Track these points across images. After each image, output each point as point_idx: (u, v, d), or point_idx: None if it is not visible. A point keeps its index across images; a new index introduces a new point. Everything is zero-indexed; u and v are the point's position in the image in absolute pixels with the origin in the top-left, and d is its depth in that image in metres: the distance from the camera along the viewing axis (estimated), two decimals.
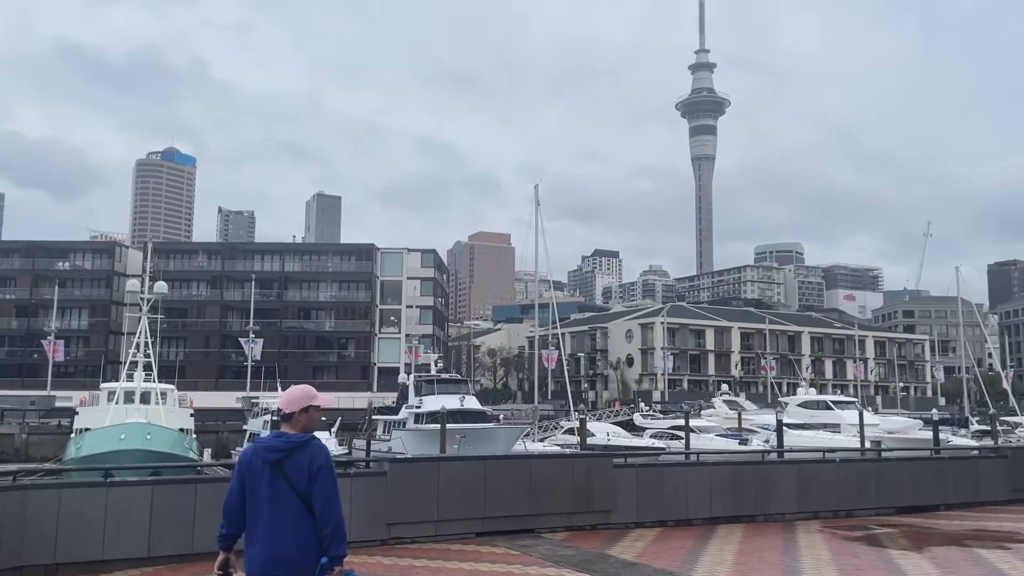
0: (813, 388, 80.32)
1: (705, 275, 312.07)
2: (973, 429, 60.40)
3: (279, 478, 4.39)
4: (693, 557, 9.72)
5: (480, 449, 39.13)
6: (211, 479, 9.92)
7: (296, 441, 4.47)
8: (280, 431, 4.72)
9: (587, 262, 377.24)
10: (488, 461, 11.15)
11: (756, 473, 12.76)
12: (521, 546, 10.16)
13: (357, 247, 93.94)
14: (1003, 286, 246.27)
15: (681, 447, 46.96)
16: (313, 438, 4.56)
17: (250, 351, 67.01)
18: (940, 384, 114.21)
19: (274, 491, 4.38)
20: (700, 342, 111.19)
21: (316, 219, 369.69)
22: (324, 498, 4.34)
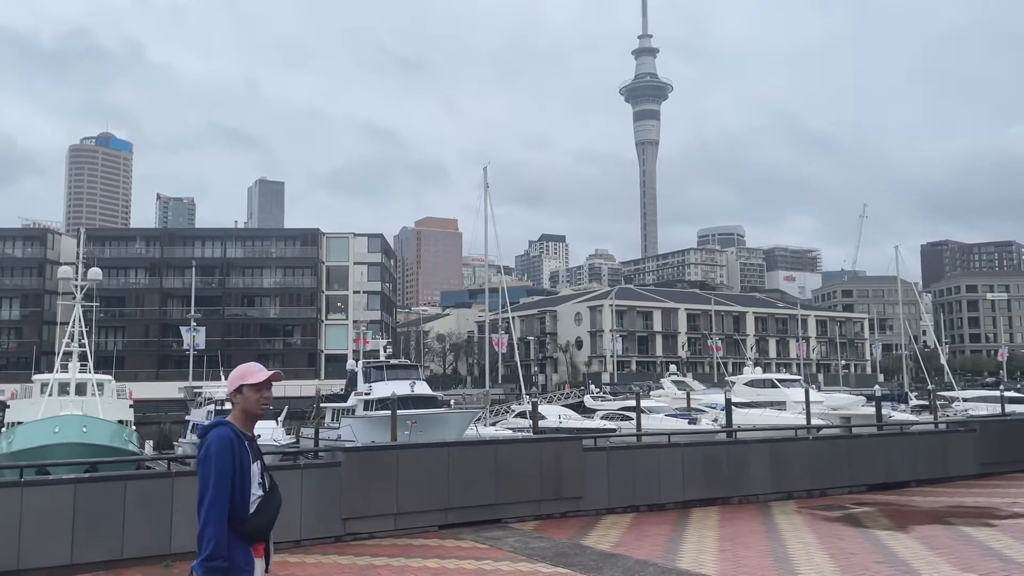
0: (759, 367, 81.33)
1: (650, 258, 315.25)
2: (912, 404, 61.76)
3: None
4: (674, 545, 9.10)
5: (432, 435, 38.31)
6: (142, 475, 8.95)
7: (207, 425, 3.92)
8: (218, 418, 4.11)
9: (534, 247, 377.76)
10: (452, 448, 10.35)
11: (730, 453, 12.24)
12: (489, 538, 9.42)
13: (302, 232, 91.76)
14: (935, 265, 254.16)
15: (631, 428, 47.00)
16: (217, 425, 3.86)
17: (191, 340, 64.95)
18: (879, 361, 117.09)
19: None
20: (648, 324, 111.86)
21: (259, 205, 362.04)
22: (198, 496, 3.70)
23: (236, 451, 3.76)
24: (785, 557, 8.47)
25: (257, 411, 3.97)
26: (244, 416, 3.95)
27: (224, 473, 3.69)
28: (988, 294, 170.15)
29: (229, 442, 3.76)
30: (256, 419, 4.06)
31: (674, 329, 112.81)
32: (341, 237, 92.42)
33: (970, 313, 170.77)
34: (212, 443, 3.75)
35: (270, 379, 4.01)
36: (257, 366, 4.06)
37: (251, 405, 3.94)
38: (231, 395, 3.99)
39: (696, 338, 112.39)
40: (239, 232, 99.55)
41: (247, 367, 4.04)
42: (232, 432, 3.82)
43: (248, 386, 3.93)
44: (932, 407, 55.04)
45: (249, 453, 3.86)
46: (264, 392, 3.99)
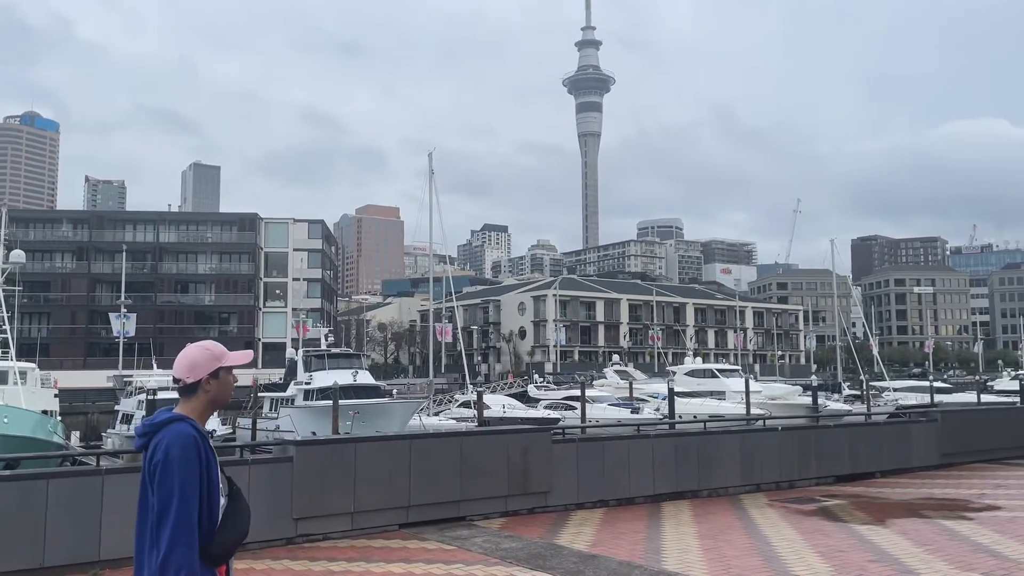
0: (699, 357, 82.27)
1: (591, 249, 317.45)
2: (845, 394, 63.21)
3: (144, 469, 3.04)
4: (654, 544, 8.54)
5: (374, 425, 37.35)
6: (67, 472, 7.98)
7: (159, 421, 3.10)
8: (164, 409, 3.26)
9: (476, 236, 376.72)
10: (414, 440, 9.59)
11: (700, 444, 11.77)
12: (455, 538, 8.72)
13: (239, 216, 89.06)
14: (865, 260, 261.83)
15: (576, 417, 46.88)
16: (178, 419, 3.07)
17: (121, 327, 62.40)
18: (813, 352, 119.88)
19: (141, 494, 3.03)
20: (590, 314, 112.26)
21: (193, 190, 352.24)
22: (156, 513, 2.87)
23: (203, 454, 2.99)
24: (774, 556, 7.99)
25: (228, 398, 3.27)
26: (208, 407, 3.19)
27: (191, 484, 2.92)
28: (915, 288, 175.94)
29: (194, 443, 2.98)
30: (218, 409, 3.36)
31: (616, 319, 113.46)
32: (280, 223, 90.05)
33: (898, 306, 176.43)
34: (173, 445, 2.95)
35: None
36: (222, 347, 3.32)
37: (226, 392, 3.22)
38: (202, 380, 3.20)
39: (637, 328, 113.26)
40: (173, 216, 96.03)
41: (216, 347, 3.27)
42: (194, 430, 3.05)
43: (226, 369, 3.20)
44: (865, 397, 56.25)
45: (214, 453, 3.12)
46: (235, 378, 3.31)
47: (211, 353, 3.20)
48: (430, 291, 70.82)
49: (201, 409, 3.17)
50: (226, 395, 3.23)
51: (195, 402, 3.16)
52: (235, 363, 3.21)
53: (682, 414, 43.61)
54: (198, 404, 3.16)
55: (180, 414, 3.12)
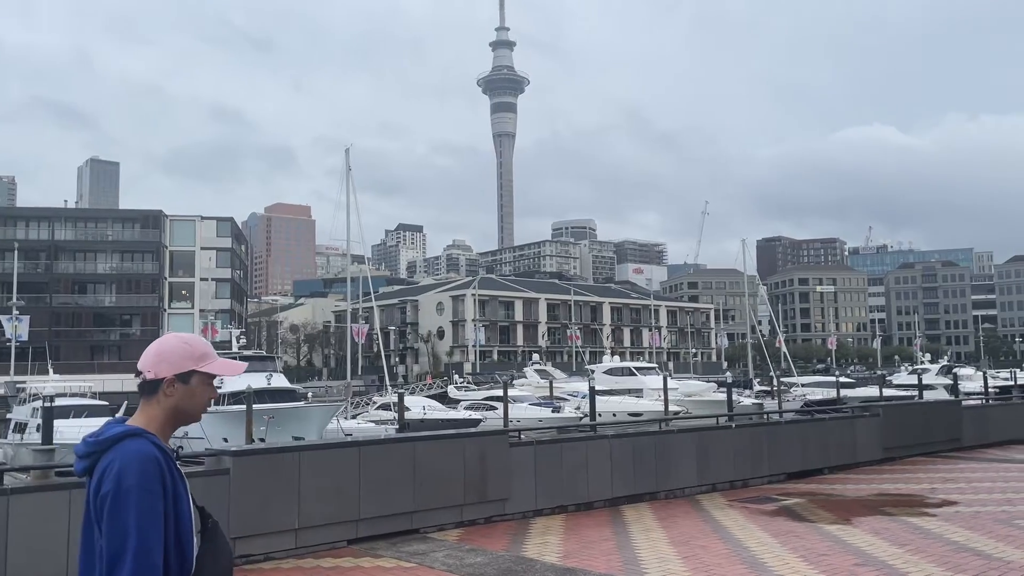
0: (617, 356, 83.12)
1: (507, 249, 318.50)
2: (756, 390, 64.89)
3: (88, 502, 2.29)
4: (628, 554, 7.98)
5: (291, 430, 35.93)
6: None
7: (106, 437, 2.30)
8: (116, 419, 2.44)
9: (391, 236, 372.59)
10: (364, 447, 8.74)
11: (657, 444, 11.32)
12: (412, 554, 7.95)
13: (142, 213, 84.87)
14: (769, 260, 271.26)
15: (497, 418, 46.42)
16: (132, 434, 2.29)
17: (13, 330, 58.64)
18: (724, 349, 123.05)
19: (84, 535, 2.28)
20: (509, 313, 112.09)
21: (90, 187, 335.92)
22: (107, 561, 2.15)
23: (168, 481, 2.22)
24: (755, 562, 7.55)
25: (199, 414, 2.48)
26: (169, 419, 2.41)
27: (152, 521, 2.16)
28: (818, 287, 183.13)
29: (155, 465, 2.21)
30: (184, 425, 2.56)
31: (535, 319, 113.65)
32: (187, 220, 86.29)
33: (802, 304, 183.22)
34: (127, 470, 2.17)
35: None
36: (208, 346, 2.53)
37: (198, 404, 2.44)
38: (166, 382, 2.41)
39: (556, 328, 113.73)
40: (69, 212, 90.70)
41: (196, 342, 2.49)
42: (155, 448, 2.27)
43: (202, 375, 2.43)
44: (777, 393, 57.78)
45: (183, 478, 2.34)
46: (215, 392, 2.53)
47: (188, 349, 2.43)
48: (347, 291, 69.16)
49: (162, 420, 2.39)
50: (194, 410, 2.44)
51: (154, 408, 2.39)
52: (217, 372, 2.45)
53: (602, 412, 43.78)
54: (157, 412, 2.39)
55: (135, 427, 2.32)
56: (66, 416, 32.20)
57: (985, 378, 55.42)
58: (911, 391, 56.08)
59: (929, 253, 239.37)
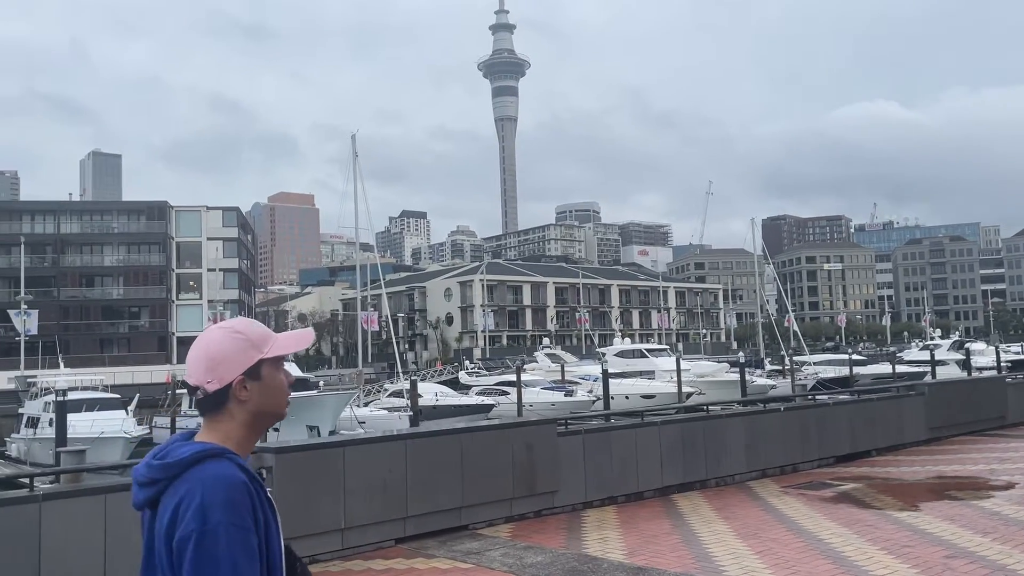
0: (627, 338, 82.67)
1: (511, 234, 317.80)
2: (768, 369, 64.47)
3: (151, 536, 1.77)
4: (696, 548, 7.51)
5: (305, 419, 35.63)
6: None
7: (178, 460, 1.76)
8: (182, 433, 1.90)
9: (395, 223, 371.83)
10: (409, 440, 8.28)
11: (706, 430, 10.84)
12: (466, 553, 7.49)
13: (148, 205, 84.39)
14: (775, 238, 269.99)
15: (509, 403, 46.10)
16: (213, 454, 1.77)
17: (22, 324, 58.35)
18: (733, 329, 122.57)
19: (146, 569, 1.77)
20: (517, 298, 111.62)
21: (93, 180, 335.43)
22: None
23: (259, 512, 1.74)
24: (838, 556, 7.07)
25: (284, 408, 1.93)
26: (252, 428, 1.88)
27: (251, 560, 1.67)
28: (825, 264, 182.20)
29: (245, 493, 1.71)
30: (269, 429, 2.08)
31: (543, 303, 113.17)
32: (192, 211, 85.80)
33: (809, 282, 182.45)
34: (212, 503, 1.67)
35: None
36: (255, 324, 1.96)
37: (280, 397, 1.91)
38: (236, 386, 1.86)
39: (564, 311, 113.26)
40: (75, 205, 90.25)
41: (246, 327, 1.93)
42: (241, 471, 1.76)
43: (273, 362, 1.89)
44: (790, 372, 57.29)
45: (273, 509, 1.83)
46: (288, 373, 1.95)
47: (244, 339, 1.88)
48: (357, 278, 68.71)
49: (242, 433, 1.86)
50: (278, 405, 1.90)
51: (228, 423, 1.84)
52: (287, 351, 1.91)
53: (615, 395, 43.39)
54: (234, 426, 1.84)
55: (214, 445, 1.79)
56: (78, 410, 31.90)
57: (997, 352, 54.93)
58: (923, 367, 55.67)
59: (936, 228, 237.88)
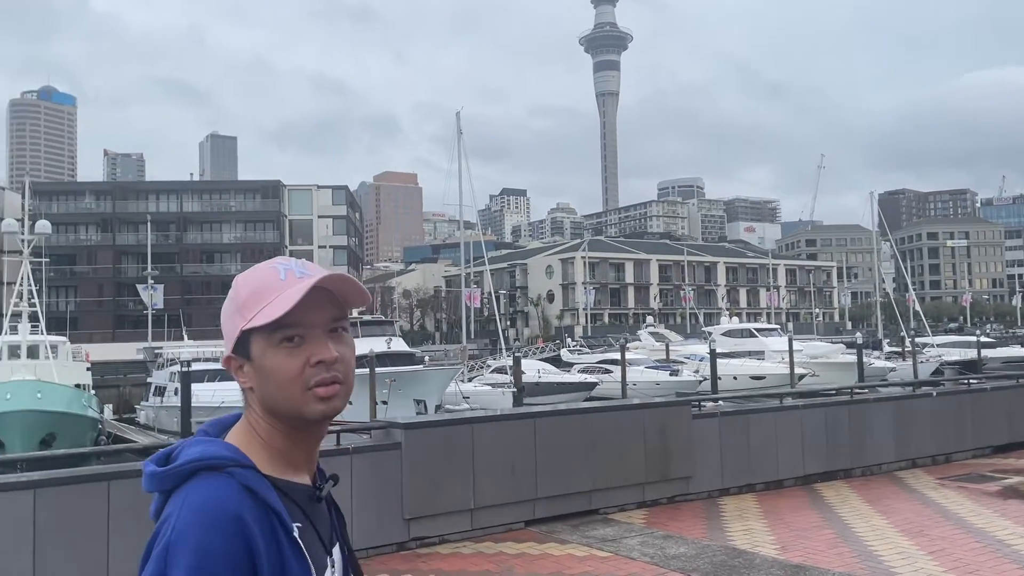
0: (735, 317, 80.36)
1: (612, 211, 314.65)
2: (886, 351, 61.50)
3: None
4: (856, 546, 6.84)
5: (412, 394, 35.97)
6: (131, 471, 6.35)
7: (174, 470, 1.24)
8: (211, 423, 1.39)
9: (495, 201, 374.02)
10: (539, 419, 7.91)
11: (851, 415, 10.04)
12: (600, 540, 7.07)
13: (262, 184, 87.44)
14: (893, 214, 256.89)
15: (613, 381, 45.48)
16: (210, 468, 1.23)
17: (149, 298, 61.44)
18: (848, 309, 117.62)
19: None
20: (619, 276, 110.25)
21: (211, 161, 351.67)
22: None
23: (262, 555, 1.19)
24: None
25: (301, 411, 1.29)
26: (280, 427, 1.31)
27: None
28: (948, 241, 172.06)
29: (230, 538, 1.17)
30: (318, 431, 1.36)
31: (646, 280, 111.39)
32: (304, 189, 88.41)
33: (930, 260, 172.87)
34: (181, 540, 1.17)
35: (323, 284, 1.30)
36: (259, 274, 1.35)
37: (278, 394, 1.29)
38: (233, 365, 1.36)
39: (667, 289, 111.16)
40: (195, 185, 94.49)
41: (244, 280, 1.35)
42: (241, 495, 1.21)
43: (263, 333, 1.28)
44: (912, 354, 54.34)
45: (297, 548, 1.24)
46: (318, 349, 1.29)
47: (233, 298, 1.35)
48: (461, 256, 69.25)
49: (269, 431, 1.31)
50: (285, 399, 1.29)
51: (251, 414, 1.34)
52: (260, 323, 1.28)
53: (722, 375, 42.17)
54: (257, 420, 1.32)
55: (219, 451, 1.27)
56: (201, 380, 33.28)
57: None
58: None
59: None
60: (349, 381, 1.32)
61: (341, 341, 1.31)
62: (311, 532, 1.26)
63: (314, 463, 1.37)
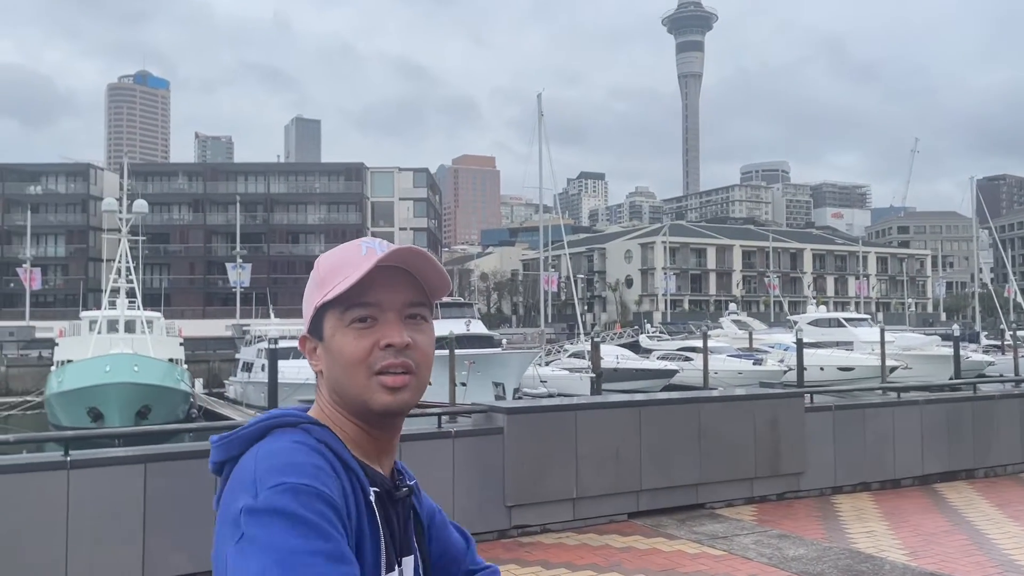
0: (822, 306, 77.89)
1: (692, 195, 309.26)
2: (984, 344, 58.91)
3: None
4: (995, 554, 6.28)
5: (491, 376, 35.96)
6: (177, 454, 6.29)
7: (241, 435, 1.19)
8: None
9: (573, 184, 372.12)
10: (643, 408, 7.58)
11: (975, 411, 9.38)
12: (710, 536, 6.71)
13: (345, 166, 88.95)
14: (993, 201, 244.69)
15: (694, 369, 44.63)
16: (285, 426, 1.16)
17: (238, 277, 63.35)
18: (943, 299, 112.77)
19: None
20: (701, 261, 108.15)
21: (296, 144, 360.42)
22: None
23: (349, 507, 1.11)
24: None
25: (364, 399, 1.19)
26: (351, 415, 1.22)
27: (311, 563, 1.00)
28: None
29: (320, 472, 1.09)
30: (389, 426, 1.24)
31: (728, 267, 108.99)
32: (386, 172, 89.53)
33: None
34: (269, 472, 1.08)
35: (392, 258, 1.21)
36: (342, 251, 1.28)
37: (343, 380, 1.20)
38: (307, 346, 1.28)
39: (751, 276, 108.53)
40: (281, 167, 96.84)
41: (327, 257, 1.30)
42: (323, 448, 1.13)
43: (336, 311, 1.21)
44: (1013, 347, 51.65)
45: (375, 525, 1.14)
46: (389, 331, 1.19)
47: (314, 275, 1.29)
48: (540, 237, 69.00)
49: (341, 417, 1.23)
50: (351, 386, 1.19)
51: (320, 398, 1.26)
52: (331, 296, 1.21)
53: (808, 366, 40.90)
54: (326, 404, 1.24)
55: (295, 411, 1.21)
56: (287, 357, 34.05)
57: None
58: None
59: None
60: (422, 375, 1.20)
61: (418, 329, 1.21)
62: (383, 520, 1.16)
63: (390, 462, 1.25)
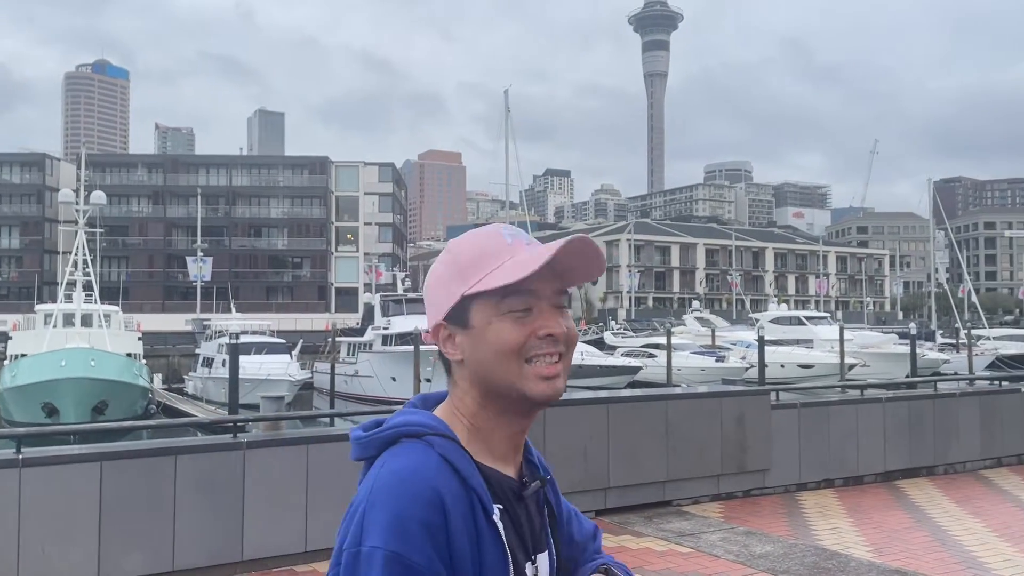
0: (783, 304, 78.95)
1: (657, 194, 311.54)
2: (940, 342, 59.99)
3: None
4: (957, 551, 6.36)
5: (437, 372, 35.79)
6: (201, 446, 6.13)
7: (378, 436, 1.20)
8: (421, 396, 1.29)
9: (539, 181, 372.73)
10: (612, 404, 7.54)
11: (936, 409, 9.51)
12: (677, 534, 6.69)
13: (310, 160, 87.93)
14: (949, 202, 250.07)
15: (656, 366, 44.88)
16: (410, 436, 1.17)
17: (198, 270, 62.32)
18: (900, 298, 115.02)
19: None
20: (665, 259, 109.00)
21: (259, 137, 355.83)
22: None
23: (459, 541, 1.10)
24: None
25: (521, 388, 1.17)
26: (491, 407, 1.21)
27: None
28: (1007, 231, 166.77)
29: (429, 510, 1.09)
30: (530, 416, 1.23)
31: (692, 265, 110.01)
32: (351, 166, 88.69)
33: (987, 250, 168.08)
34: (376, 511, 1.10)
35: (571, 248, 1.15)
36: (485, 237, 1.21)
37: (496, 369, 1.18)
38: (441, 336, 1.24)
39: (714, 274, 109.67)
40: (245, 159, 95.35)
41: (463, 243, 1.23)
42: (442, 467, 1.14)
43: (488, 299, 1.18)
44: (967, 345, 52.83)
45: (498, 534, 1.13)
46: (547, 321, 1.18)
47: (450, 265, 1.22)
48: None
49: (475, 411, 1.21)
50: (504, 375, 1.18)
51: (455, 392, 1.24)
52: (502, 283, 1.16)
53: (769, 363, 41.41)
54: (461, 397, 1.23)
55: (422, 418, 1.20)
56: (248, 353, 33.56)
57: None
58: None
59: None
60: (569, 363, 1.22)
61: (567, 317, 1.22)
62: (512, 527, 1.16)
63: (520, 455, 1.24)
